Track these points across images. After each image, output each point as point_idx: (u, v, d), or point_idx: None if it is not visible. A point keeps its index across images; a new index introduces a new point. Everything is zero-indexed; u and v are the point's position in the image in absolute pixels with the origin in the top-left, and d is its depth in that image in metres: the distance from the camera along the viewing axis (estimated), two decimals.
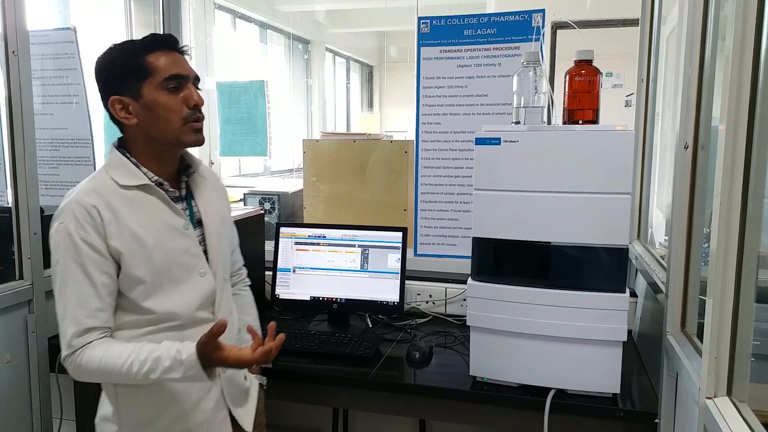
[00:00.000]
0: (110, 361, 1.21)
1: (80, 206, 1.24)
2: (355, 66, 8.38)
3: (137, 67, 1.26)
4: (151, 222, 1.29)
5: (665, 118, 2.20)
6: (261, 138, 2.88)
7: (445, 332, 2.07)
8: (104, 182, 1.28)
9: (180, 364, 1.20)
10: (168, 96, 1.27)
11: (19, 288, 1.80)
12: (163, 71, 1.27)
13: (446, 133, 2.24)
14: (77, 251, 1.23)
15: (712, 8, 1.34)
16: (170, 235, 1.31)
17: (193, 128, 1.31)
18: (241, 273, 1.67)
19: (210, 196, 1.43)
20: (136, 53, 1.27)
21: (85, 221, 1.23)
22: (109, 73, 1.29)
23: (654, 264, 1.82)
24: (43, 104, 2.17)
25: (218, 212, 1.44)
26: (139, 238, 1.26)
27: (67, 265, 1.23)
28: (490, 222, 1.55)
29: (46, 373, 1.89)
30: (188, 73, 1.30)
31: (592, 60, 1.53)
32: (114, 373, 1.22)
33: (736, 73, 1.02)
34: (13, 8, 1.73)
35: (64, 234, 1.23)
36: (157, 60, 1.27)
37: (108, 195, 1.26)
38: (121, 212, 1.26)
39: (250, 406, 1.50)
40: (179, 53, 1.32)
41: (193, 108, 1.30)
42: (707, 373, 1.08)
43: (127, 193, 1.28)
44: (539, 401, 1.52)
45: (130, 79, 1.27)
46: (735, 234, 1.04)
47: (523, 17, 2.12)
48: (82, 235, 1.23)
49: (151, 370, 1.20)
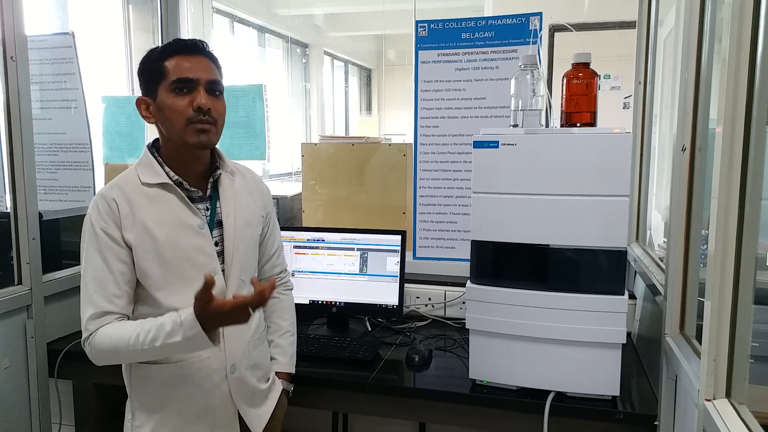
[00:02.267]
0: (120, 335, 1.27)
1: (103, 199, 1.34)
2: (354, 69, 8.39)
3: (157, 70, 1.34)
4: (166, 219, 1.35)
5: (663, 120, 2.21)
6: (260, 142, 2.88)
7: (445, 335, 2.06)
8: (129, 178, 1.37)
9: (180, 325, 1.22)
10: (175, 98, 1.32)
11: (17, 293, 1.80)
12: (173, 74, 1.32)
13: (444, 136, 2.25)
14: (98, 240, 1.31)
15: (709, 11, 1.35)
16: (183, 233, 1.35)
17: (196, 129, 1.33)
18: (282, 276, 1.68)
19: (237, 198, 1.46)
20: (158, 57, 1.35)
21: (105, 213, 1.32)
22: (140, 74, 1.39)
23: (653, 266, 1.82)
24: (42, 109, 2.17)
25: (244, 214, 1.47)
26: (151, 233, 1.33)
27: (89, 253, 1.32)
28: (489, 225, 1.55)
29: (45, 379, 1.89)
30: (198, 77, 1.33)
31: (590, 63, 1.53)
32: (123, 349, 1.26)
33: (733, 75, 1.02)
34: (12, 13, 1.73)
35: (88, 224, 1.33)
36: (172, 64, 1.33)
37: (129, 190, 1.35)
38: (138, 207, 1.34)
39: (266, 409, 1.51)
40: (205, 57, 1.37)
41: (197, 110, 1.32)
42: (706, 375, 1.08)
43: (148, 190, 1.36)
44: (539, 404, 1.52)
45: (150, 81, 1.35)
46: (733, 236, 1.04)
47: (520, 20, 2.13)
48: (102, 225, 1.32)
49: (155, 338, 1.24)
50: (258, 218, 1.53)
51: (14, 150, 1.78)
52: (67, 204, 2.23)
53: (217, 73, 1.39)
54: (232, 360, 1.41)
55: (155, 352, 1.26)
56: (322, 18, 6.72)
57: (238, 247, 1.43)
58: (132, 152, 2.65)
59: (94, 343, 1.29)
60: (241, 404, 1.43)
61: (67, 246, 2.21)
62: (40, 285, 1.86)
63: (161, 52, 1.35)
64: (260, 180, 1.61)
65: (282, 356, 1.61)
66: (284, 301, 1.67)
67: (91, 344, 1.29)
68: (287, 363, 1.62)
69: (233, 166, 1.51)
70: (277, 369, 1.59)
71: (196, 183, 1.41)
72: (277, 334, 1.62)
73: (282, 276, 1.68)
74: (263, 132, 2.80)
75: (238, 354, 1.42)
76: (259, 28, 5.80)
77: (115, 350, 1.28)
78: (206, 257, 1.37)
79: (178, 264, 1.34)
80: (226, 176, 1.46)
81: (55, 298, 1.94)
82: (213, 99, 1.35)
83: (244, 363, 1.44)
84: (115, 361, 1.33)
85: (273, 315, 1.63)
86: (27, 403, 1.85)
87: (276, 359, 1.60)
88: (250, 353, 1.47)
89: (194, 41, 1.38)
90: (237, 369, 1.42)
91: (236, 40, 5.30)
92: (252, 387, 1.47)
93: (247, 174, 1.55)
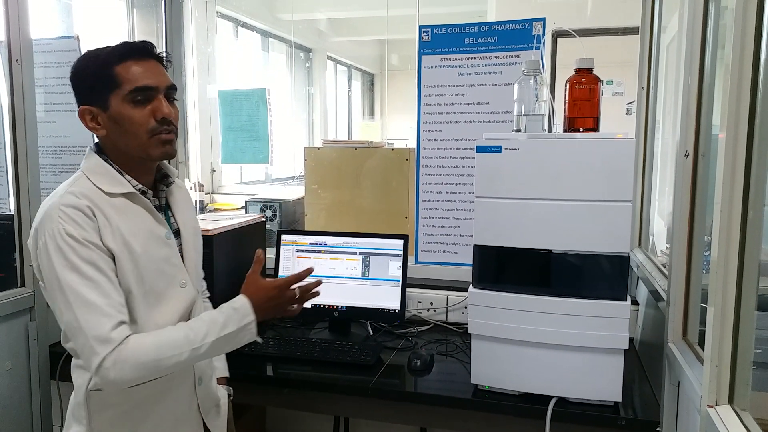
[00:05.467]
0: (166, 341, 1.17)
1: (73, 209, 1.17)
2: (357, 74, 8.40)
3: (106, 78, 1.21)
4: (138, 230, 1.25)
5: (666, 126, 2.21)
6: (263, 146, 2.89)
7: (447, 340, 2.06)
8: (89, 188, 1.23)
9: (233, 314, 1.20)
10: (134, 109, 1.21)
11: (20, 295, 1.81)
12: (130, 83, 1.21)
13: (447, 140, 2.25)
14: (86, 250, 1.16)
15: (712, 17, 1.35)
16: (154, 244, 1.27)
17: (161, 140, 1.24)
18: (203, 284, 1.61)
19: (186, 207, 1.43)
20: (106, 62, 1.21)
21: (83, 222, 1.17)
22: (81, 81, 1.25)
23: (655, 272, 1.81)
24: (46, 112, 2.18)
25: (194, 223, 1.44)
26: (128, 244, 1.22)
27: (76, 267, 1.14)
28: (492, 229, 1.55)
29: (46, 381, 1.89)
30: (158, 84, 1.23)
31: (593, 68, 1.54)
32: (170, 355, 1.16)
33: (736, 80, 1.02)
34: (17, 17, 1.74)
35: (62, 237, 1.15)
36: (126, 70, 1.21)
37: (97, 200, 1.21)
38: (111, 217, 1.22)
39: (222, 418, 1.49)
40: (157, 61, 1.27)
41: (161, 121, 1.23)
42: (709, 381, 1.07)
43: (113, 200, 1.24)
44: (540, 409, 1.52)
45: (99, 90, 1.22)
46: (736, 242, 1.04)
47: (523, 26, 2.13)
48: (84, 234, 1.16)
49: (208, 333, 1.20)
50: (198, 227, 1.48)
51: (18, 152, 1.79)
52: None
53: (170, 77, 1.29)
54: (200, 371, 1.38)
55: (206, 353, 1.21)
56: (326, 23, 6.74)
57: (195, 256, 1.41)
58: None
59: (126, 357, 1.12)
60: (206, 416, 1.41)
61: None
62: None
63: (109, 57, 1.21)
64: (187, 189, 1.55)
65: (218, 361, 1.58)
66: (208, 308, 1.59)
67: (121, 356, 1.12)
68: (223, 368, 1.60)
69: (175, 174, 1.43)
70: (217, 374, 1.55)
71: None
72: None
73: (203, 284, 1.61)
74: (266, 136, 2.81)
75: (204, 365, 1.40)
76: (263, 32, 5.81)
77: (158, 359, 1.15)
78: (174, 268, 1.32)
79: (151, 277, 1.25)
80: (175, 185, 1.40)
81: None
82: (170, 106, 1.26)
83: (208, 373, 1.43)
84: (151, 374, 1.18)
85: None
86: (28, 405, 1.85)
87: (215, 366, 1.55)
88: (210, 363, 1.46)
89: (144, 43, 1.26)
90: (203, 380, 1.40)
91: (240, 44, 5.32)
92: (213, 397, 1.45)
93: (182, 183, 1.48)
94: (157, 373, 1.20)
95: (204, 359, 1.31)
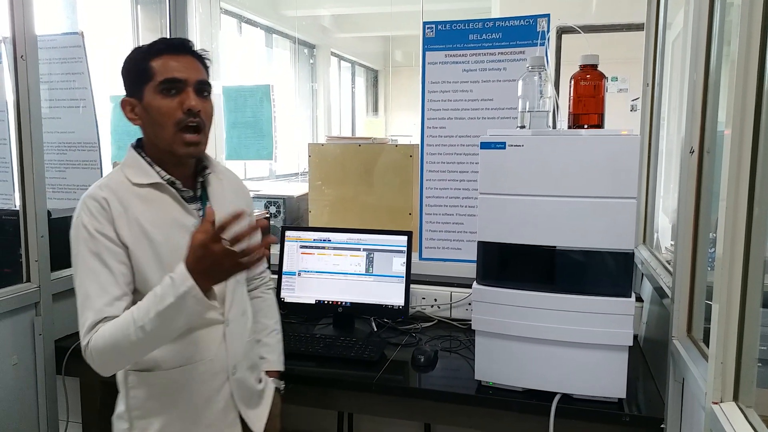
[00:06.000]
0: (116, 324, 1.18)
1: (92, 200, 1.28)
2: (360, 70, 8.40)
3: (143, 70, 1.29)
4: (161, 219, 1.31)
5: (671, 122, 2.20)
6: (267, 142, 2.89)
7: (450, 336, 2.06)
8: (118, 179, 1.32)
9: (170, 284, 1.15)
10: (163, 99, 1.28)
11: (26, 290, 1.81)
12: (161, 74, 1.28)
13: (451, 137, 2.25)
14: (94, 242, 1.25)
15: (718, 13, 1.34)
16: (179, 233, 1.29)
17: (185, 141, 1.29)
18: (264, 276, 1.68)
19: (225, 198, 1.43)
20: (145, 56, 1.30)
21: (98, 213, 1.26)
22: (124, 75, 1.35)
23: (660, 269, 1.81)
24: (51, 108, 2.18)
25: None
26: (147, 233, 1.28)
27: (84, 257, 1.25)
28: (496, 226, 1.55)
29: (52, 376, 1.90)
30: (187, 77, 1.29)
31: (597, 64, 1.53)
32: (121, 338, 1.17)
33: (742, 77, 1.02)
34: (22, 13, 1.75)
35: (79, 228, 1.27)
36: (160, 64, 1.29)
37: (120, 191, 1.30)
38: (131, 207, 1.29)
39: (263, 409, 1.50)
40: (193, 57, 1.33)
41: (188, 112, 1.28)
42: (713, 378, 1.07)
43: (140, 190, 1.31)
44: (545, 406, 1.52)
45: (137, 82, 1.30)
46: (741, 238, 1.04)
47: (528, 22, 2.12)
48: (96, 226, 1.26)
49: (149, 309, 1.16)
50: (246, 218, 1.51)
51: (23, 148, 1.80)
52: (75, 202, 2.20)
53: (205, 74, 1.35)
54: (234, 361, 1.40)
55: (155, 330, 1.16)
56: (330, 19, 6.73)
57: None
58: None
59: (93, 347, 1.19)
60: (241, 406, 1.42)
61: None
62: (48, 282, 1.87)
63: (146, 52, 1.31)
64: (241, 180, 1.60)
65: (271, 354, 1.60)
66: (267, 300, 1.66)
67: (91, 350, 1.20)
68: (276, 361, 1.62)
69: (218, 166, 1.49)
70: (268, 368, 1.58)
71: (186, 183, 1.38)
72: (264, 333, 1.61)
73: (263, 276, 1.67)
74: (270, 132, 2.81)
75: (240, 354, 1.42)
76: (267, 28, 5.82)
77: (114, 344, 1.18)
78: None
79: (175, 265, 1.22)
80: (215, 176, 1.44)
81: (63, 296, 1.95)
82: (201, 100, 1.31)
83: (244, 363, 1.44)
84: (118, 359, 1.24)
85: (258, 314, 1.61)
86: (34, 400, 1.86)
87: (265, 358, 1.58)
88: (248, 354, 1.47)
89: (181, 40, 1.34)
90: (238, 370, 1.41)
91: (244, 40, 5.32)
92: (250, 387, 1.47)
93: (230, 175, 1.53)
94: (124, 357, 1.24)
95: (162, 338, 1.22)
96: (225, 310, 1.39)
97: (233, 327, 1.40)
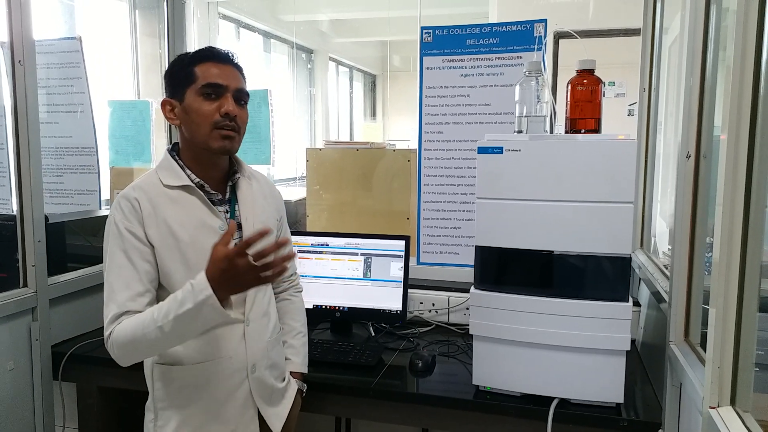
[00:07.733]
0: (136, 321, 1.26)
1: (125, 199, 1.35)
2: (358, 75, 8.42)
3: (186, 74, 1.37)
4: (189, 220, 1.37)
5: (667, 127, 2.21)
6: (264, 146, 2.89)
7: (448, 341, 2.06)
8: (151, 180, 1.39)
9: (190, 290, 1.20)
10: (203, 102, 1.36)
11: (23, 296, 1.81)
12: (204, 79, 1.36)
13: (449, 141, 2.25)
14: (122, 240, 1.33)
15: (713, 19, 1.35)
16: (205, 234, 1.36)
17: (221, 135, 1.36)
18: (293, 279, 1.72)
19: (255, 202, 1.49)
20: (190, 62, 1.39)
21: (129, 212, 1.34)
22: (168, 78, 1.42)
23: (657, 273, 1.81)
24: (48, 113, 2.18)
25: (261, 218, 1.49)
26: (174, 233, 1.35)
27: (113, 253, 1.33)
28: (493, 231, 1.55)
29: (49, 381, 1.89)
30: (228, 84, 1.37)
31: (594, 69, 1.54)
32: (140, 335, 1.24)
33: (737, 82, 1.02)
34: (20, 18, 1.75)
35: (112, 225, 1.35)
36: (203, 69, 1.37)
37: (151, 191, 1.37)
38: (160, 207, 1.35)
39: (283, 409, 1.54)
40: (234, 68, 1.41)
41: (225, 116, 1.35)
42: (711, 383, 1.07)
43: (171, 192, 1.38)
44: (542, 411, 1.52)
45: (179, 84, 1.38)
46: (738, 243, 1.04)
47: (525, 27, 2.13)
48: (126, 225, 1.33)
49: (168, 312, 1.22)
50: (273, 221, 1.56)
51: (21, 153, 1.79)
52: (73, 207, 2.24)
53: (244, 84, 1.42)
54: (253, 360, 1.44)
55: (172, 332, 1.22)
56: (328, 24, 6.75)
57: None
58: (137, 156, 2.66)
59: (114, 339, 1.27)
60: (260, 403, 1.46)
61: (72, 249, 2.22)
62: (46, 287, 1.87)
63: (193, 57, 1.39)
64: (273, 185, 1.65)
65: (296, 356, 1.65)
66: (296, 303, 1.71)
67: (112, 341, 1.27)
68: (300, 363, 1.66)
69: (249, 170, 1.54)
70: (292, 369, 1.63)
71: (215, 186, 1.44)
72: (290, 335, 1.66)
73: (293, 278, 1.72)
74: (268, 136, 2.80)
75: (259, 354, 1.45)
76: (265, 33, 5.83)
77: (133, 339, 1.25)
78: None
79: (200, 265, 1.27)
80: (245, 180, 1.49)
81: (60, 301, 1.94)
82: (238, 107, 1.38)
83: (264, 362, 1.47)
84: (136, 354, 1.30)
85: (285, 317, 1.66)
86: (31, 405, 1.86)
87: (290, 359, 1.63)
88: (269, 353, 1.50)
89: (226, 52, 1.42)
90: (257, 368, 1.45)
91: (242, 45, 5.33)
92: (270, 386, 1.50)
93: (261, 179, 1.58)
94: (142, 352, 1.32)
95: (178, 339, 1.29)
96: (246, 310, 1.43)
97: (253, 327, 1.45)
